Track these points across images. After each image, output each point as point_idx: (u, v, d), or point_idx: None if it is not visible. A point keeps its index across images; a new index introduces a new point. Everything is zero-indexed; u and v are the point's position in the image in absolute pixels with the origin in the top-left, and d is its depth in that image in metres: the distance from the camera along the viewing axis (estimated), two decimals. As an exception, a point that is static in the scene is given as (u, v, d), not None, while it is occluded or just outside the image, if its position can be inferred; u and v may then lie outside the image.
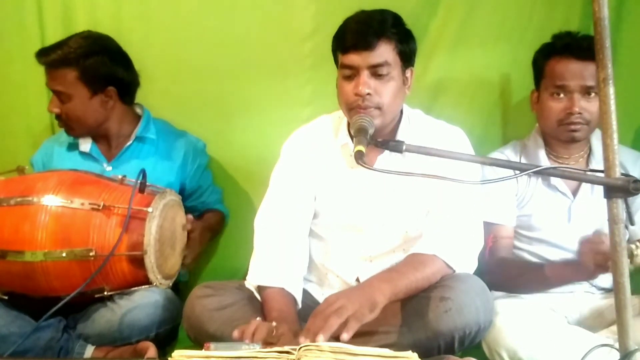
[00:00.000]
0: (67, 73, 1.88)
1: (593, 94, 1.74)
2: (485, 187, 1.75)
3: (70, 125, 1.96)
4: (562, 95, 1.78)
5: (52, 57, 1.87)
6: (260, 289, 1.64)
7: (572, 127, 1.78)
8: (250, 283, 1.66)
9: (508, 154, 1.92)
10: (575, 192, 1.84)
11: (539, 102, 1.86)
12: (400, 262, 1.61)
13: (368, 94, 1.55)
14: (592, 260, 1.57)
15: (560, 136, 1.82)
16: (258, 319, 1.44)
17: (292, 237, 1.69)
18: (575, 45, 1.78)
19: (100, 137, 2.02)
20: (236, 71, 2.19)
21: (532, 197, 1.86)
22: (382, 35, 1.56)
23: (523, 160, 1.89)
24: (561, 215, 1.84)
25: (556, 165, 1.84)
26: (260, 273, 1.64)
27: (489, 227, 1.79)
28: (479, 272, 1.63)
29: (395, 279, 1.49)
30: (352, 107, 1.57)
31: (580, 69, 1.75)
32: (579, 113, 1.75)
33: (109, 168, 1.99)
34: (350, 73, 1.58)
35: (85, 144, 2.02)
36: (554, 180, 1.85)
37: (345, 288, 1.70)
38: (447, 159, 1.39)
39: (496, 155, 1.92)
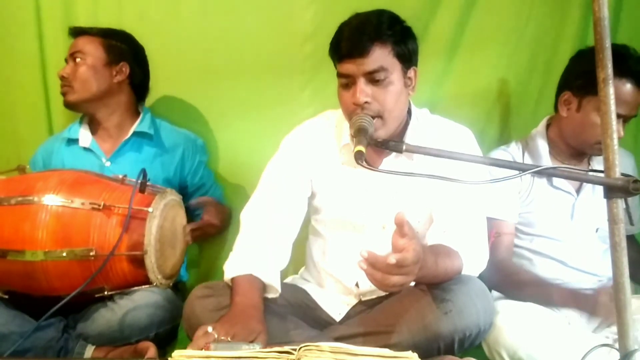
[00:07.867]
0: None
1: (629, 122, 1.75)
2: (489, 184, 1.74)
3: (73, 86, 1.97)
4: None
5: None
6: (232, 280, 1.58)
7: None
8: (226, 280, 1.60)
9: (512, 150, 1.91)
10: (578, 190, 1.85)
11: (578, 111, 1.78)
12: (432, 245, 1.54)
13: (366, 102, 1.51)
14: (607, 313, 1.61)
15: (587, 151, 1.82)
16: (208, 328, 1.36)
17: (274, 232, 1.65)
18: (637, 71, 1.69)
19: (97, 124, 2.04)
20: (236, 73, 2.19)
21: (536, 195, 1.85)
22: (377, 40, 1.51)
23: (527, 158, 1.89)
24: (564, 212, 1.84)
25: (559, 164, 1.85)
26: (232, 267, 1.59)
27: (491, 222, 1.78)
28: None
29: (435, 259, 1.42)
30: (352, 116, 1.51)
31: (636, 98, 1.71)
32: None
33: (108, 163, 2.01)
34: (347, 81, 1.54)
35: (86, 139, 2.03)
36: (557, 180, 1.84)
37: (344, 292, 1.70)
38: (454, 160, 1.38)
39: (500, 152, 1.92)
